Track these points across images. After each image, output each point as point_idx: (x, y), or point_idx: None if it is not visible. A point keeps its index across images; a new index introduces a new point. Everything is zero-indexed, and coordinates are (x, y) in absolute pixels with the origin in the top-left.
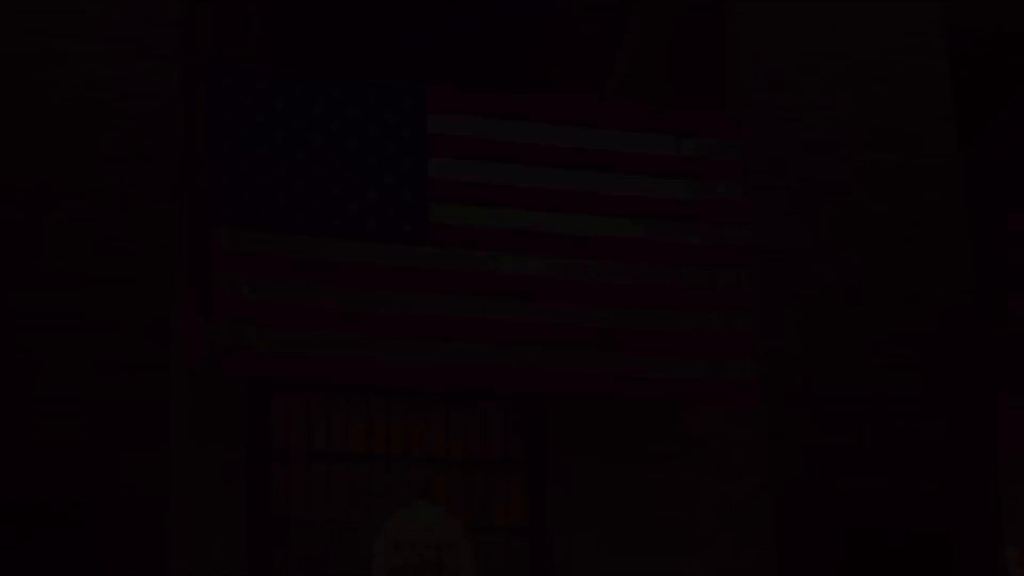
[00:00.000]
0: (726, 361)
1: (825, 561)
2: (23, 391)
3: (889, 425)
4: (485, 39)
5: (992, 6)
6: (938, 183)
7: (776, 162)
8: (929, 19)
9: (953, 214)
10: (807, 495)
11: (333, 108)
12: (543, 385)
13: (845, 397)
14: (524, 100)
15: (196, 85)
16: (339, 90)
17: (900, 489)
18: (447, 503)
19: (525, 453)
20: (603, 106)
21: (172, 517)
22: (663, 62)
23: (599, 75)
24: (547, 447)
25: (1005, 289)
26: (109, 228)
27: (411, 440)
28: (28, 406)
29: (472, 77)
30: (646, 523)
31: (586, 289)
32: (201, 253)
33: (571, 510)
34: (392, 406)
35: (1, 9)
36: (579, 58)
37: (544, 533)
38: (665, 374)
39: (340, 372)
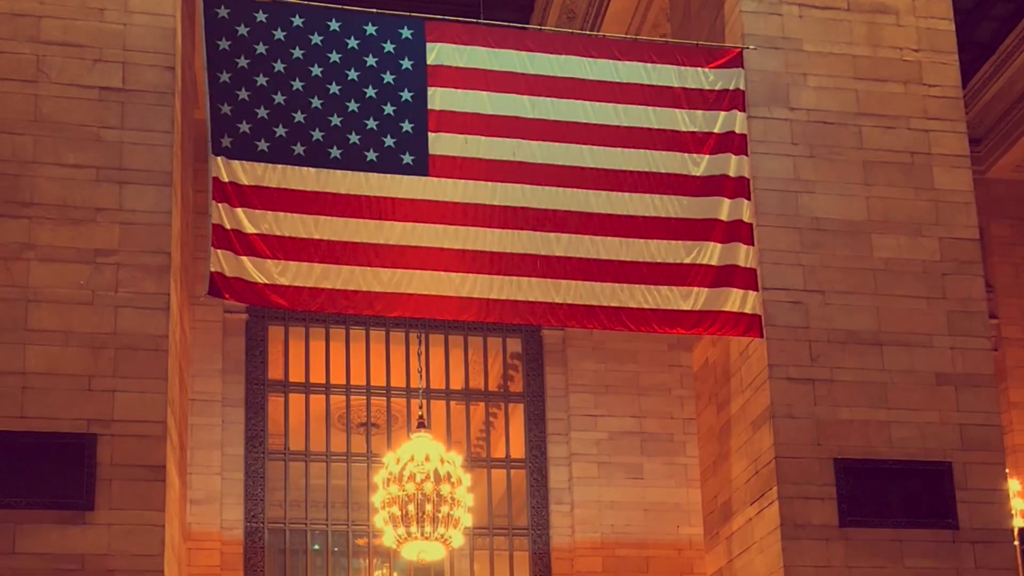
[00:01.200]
0: (728, 292)
1: (824, 491)
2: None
3: (889, 357)
4: None
5: None
6: (940, 113)
7: (777, 93)
8: None
9: (955, 145)
10: (807, 427)
11: (333, 39)
12: (544, 317)
13: (846, 330)
14: (524, 32)
15: (194, 14)
16: (339, 21)
17: (899, 421)
18: (447, 434)
19: (525, 384)
20: (603, 38)
21: (172, 445)
22: None
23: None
24: (547, 378)
25: None
26: (108, 159)
27: (411, 372)
28: (31, 341)
29: (472, 8)
30: (645, 454)
31: (587, 221)
32: (201, 184)
33: (571, 441)
34: (392, 338)
35: None
36: None
37: (543, 464)
38: (667, 305)
39: (339, 304)
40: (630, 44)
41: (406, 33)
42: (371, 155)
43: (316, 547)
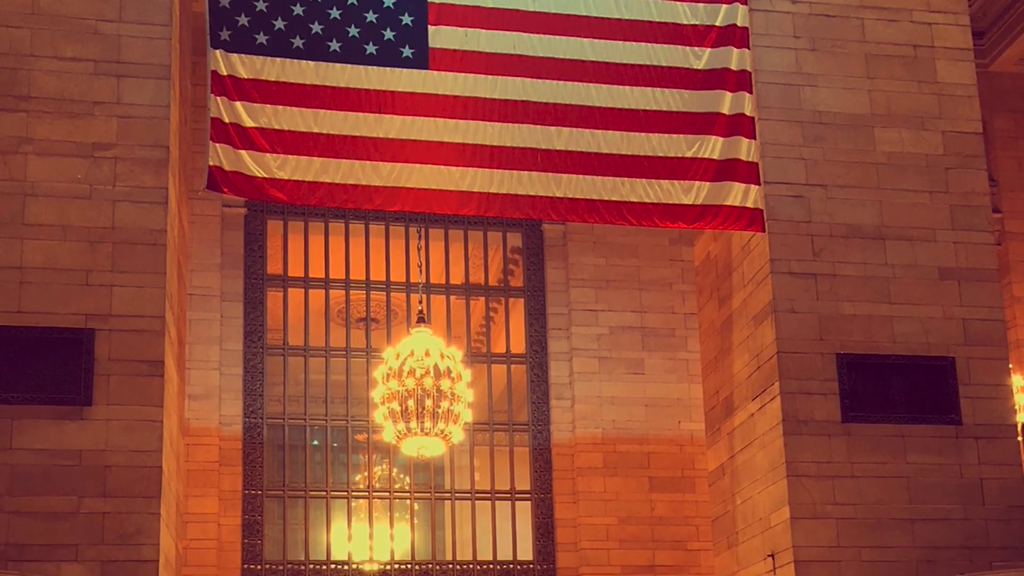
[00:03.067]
0: (729, 186)
1: (827, 387)
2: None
3: (891, 251)
4: None
5: None
6: (943, 6)
7: None
8: None
9: (958, 38)
10: (809, 322)
11: None
12: (544, 211)
13: (848, 224)
14: None
15: None
16: None
17: (902, 316)
18: (447, 329)
19: (525, 279)
20: None
21: (170, 340)
22: None
23: None
24: (548, 273)
25: None
26: (106, 52)
27: (411, 266)
28: (29, 235)
29: None
30: (646, 349)
31: (588, 114)
32: (200, 78)
33: (571, 336)
34: (392, 233)
35: None
36: None
37: (544, 359)
38: (668, 199)
39: (338, 197)
40: None
41: None
42: (370, 48)
43: (315, 443)
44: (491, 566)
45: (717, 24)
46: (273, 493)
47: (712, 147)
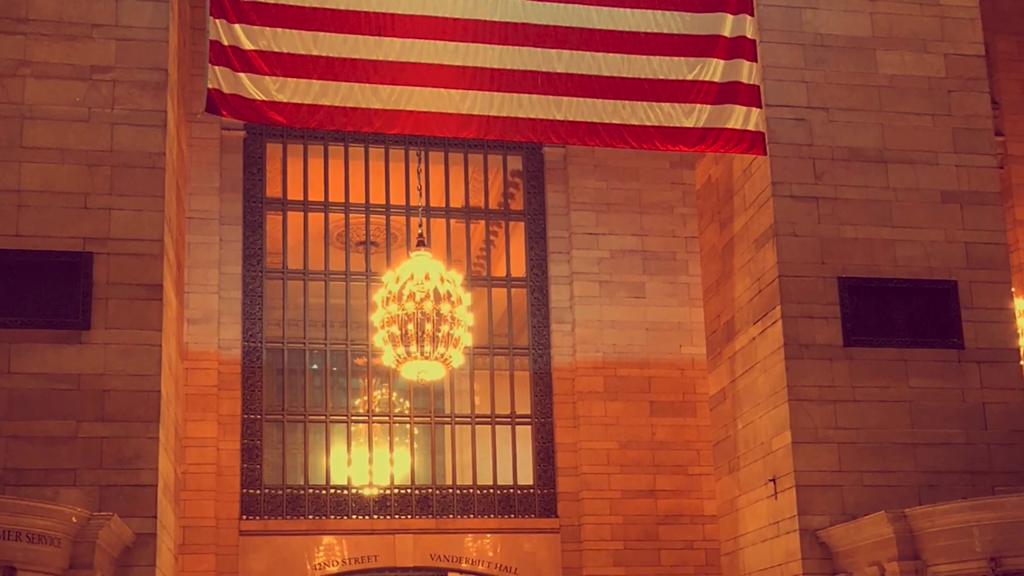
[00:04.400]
0: (731, 109)
1: (828, 310)
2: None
3: (893, 175)
4: None
5: None
6: None
7: None
8: None
9: None
10: (810, 245)
11: None
12: (545, 134)
13: (850, 147)
14: None
15: None
16: None
17: (903, 240)
18: (447, 253)
19: (526, 203)
20: None
21: (169, 264)
22: None
23: None
24: (548, 197)
25: None
26: None
27: (410, 190)
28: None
29: None
30: (646, 272)
31: (588, 37)
32: (199, 1)
33: (572, 260)
34: (392, 156)
35: None
36: None
37: (544, 283)
38: (669, 122)
39: (338, 121)
40: None
41: None
42: None
43: (315, 367)
44: (491, 490)
45: None
46: (272, 417)
47: (713, 70)
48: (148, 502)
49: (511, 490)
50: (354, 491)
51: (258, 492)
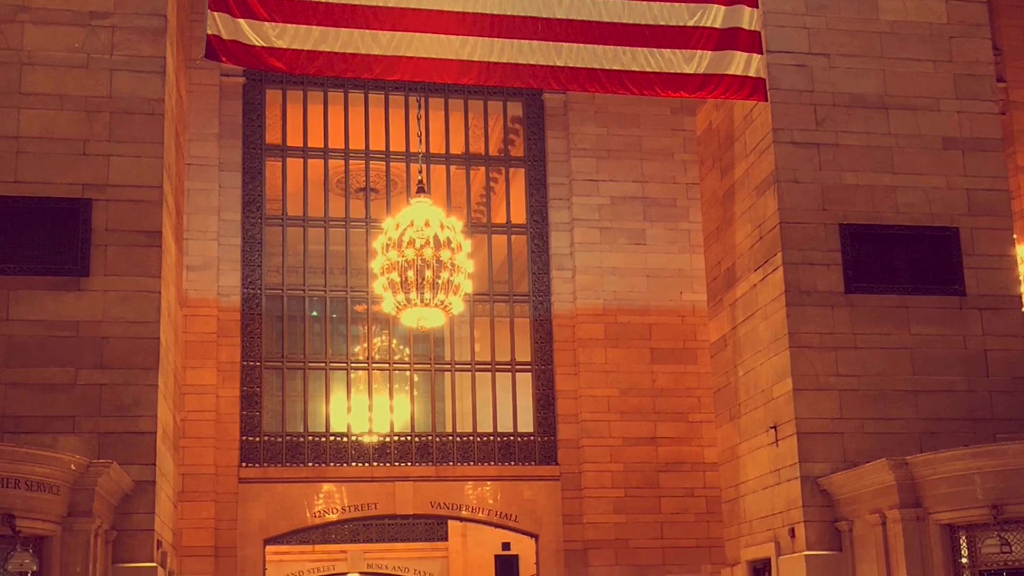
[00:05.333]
0: (732, 55)
1: (830, 257)
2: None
3: (894, 121)
4: None
5: None
6: None
7: None
8: None
9: None
10: (812, 191)
11: None
12: (545, 80)
13: (851, 94)
14: None
15: None
16: None
17: (905, 186)
18: (447, 199)
19: (526, 149)
20: None
21: (168, 210)
22: None
23: None
24: (548, 143)
25: None
26: None
27: (410, 136)
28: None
29: None
30: (647, 219)
31: None
32: None
33: (572, 206)
34: (391, 102)
35: None
36: None
37: (545, 229)
38: (670, 68)
39: (338, 67)
40: None
41: None
42: None
43: (314, 313)
44: (491, 438)
45: None
46: (272, 364)
47: (714, 16)
48: (147, 450)
49: (511, 437)
50: (354, 438)
51: (257, 439)
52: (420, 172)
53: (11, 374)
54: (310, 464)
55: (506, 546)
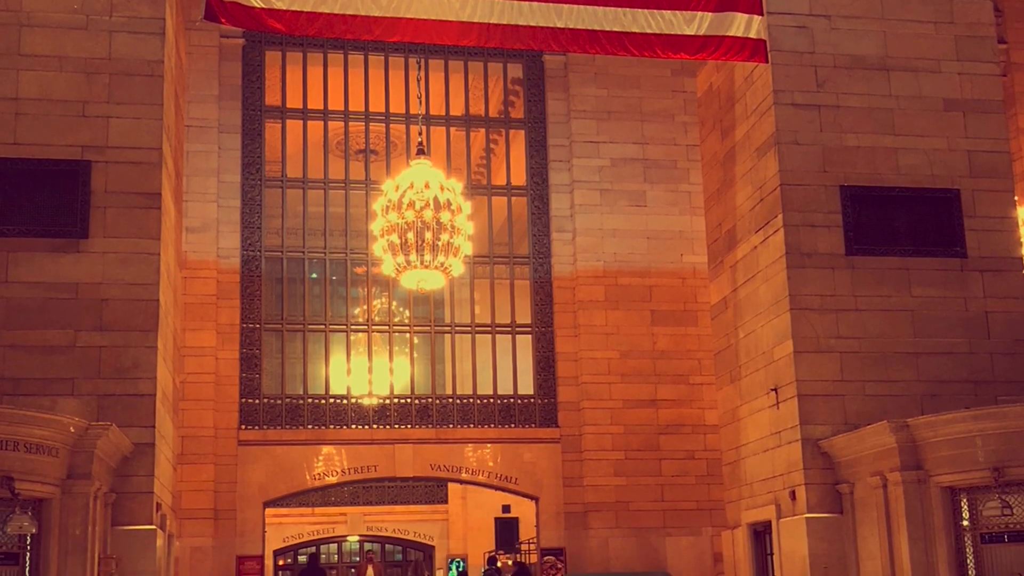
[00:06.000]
0: (732, 17)
1: (830, 219)
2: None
3: (896, 82)
4: None
5: None
6: None
7: None
8: None
9: None
10: (812, 153)
11: None
12: (545, 42)
13: (852, 55)
14: None
15: None
16: None
17: (906, 148)
18: (447, 161)
19: (526, 111)
20: None
21: (167, 172)
22: None
23: None
24: (549, 104)
25: None
26: None
27: (410, 98)
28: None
29: None
30: (647, 181)
31: None
32: None
33: (572, 168)
34: (391, 64)
35: None
36: None
37: (545, 191)
38: (670, 30)
39: (337, 28)
40: None
41: None
42: None
43: (314, 275)
44: (491, 400)
45: None
46: (271, 326)
47: None
48: (146, 412)
49: (511, 400)
50: (353, 401)
51: (257, 402)
52: (420, 134)
53: (10, 336)
54: (310, 426)
55: (506, 508)
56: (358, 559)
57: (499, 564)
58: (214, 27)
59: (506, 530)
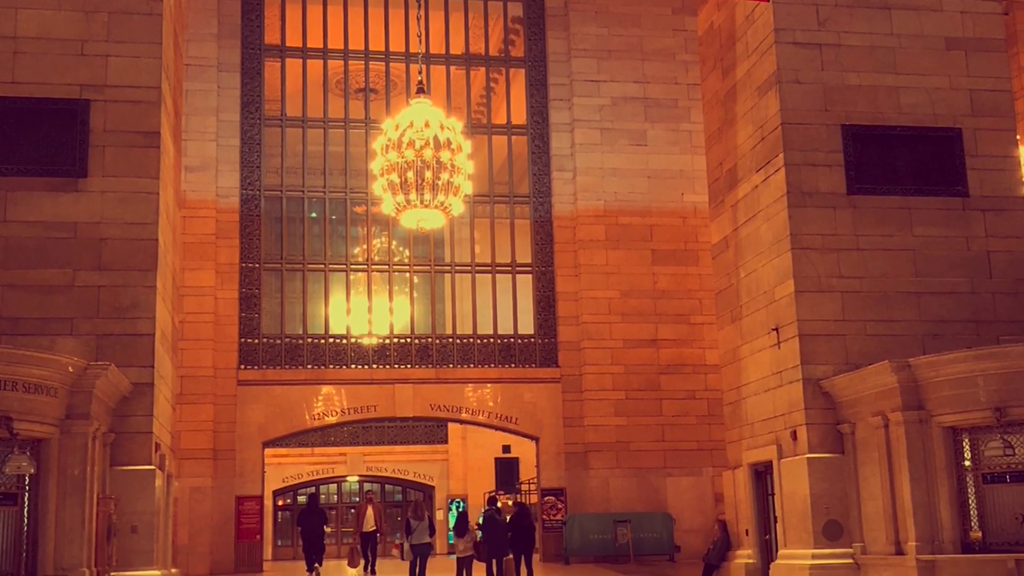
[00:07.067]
0: None
1: (832, 158)
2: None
3: (897, 21)
4: None
5: None
6: None
7: None
8: None
9: None
10: (814, 92)
11: None
12: None
13: None
14: None
15: None
16: None
17: (908, 87)
18: (447, 100)
19: (526, 49)
20: None
21: (166, 111)
22: None
23: None
24: (549, 43)
25: None
26: None
27: (410, 36)
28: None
29: None
30: (648, 120)
31: None
32: None
33: (573, 107)
34: (391, 2)
35: None
36: None
37: (545, 130)
38: None
39: None
40: None
41: None
42: None
43: (313, 215)
44: (491, 340)
45: None
46: (271, 266)
47: None
48: (145, 351)
49: (511, 339)
50: (353, 340)
51: (256, 342)
52: (420, 73)
53: (9, 276)
54: (309, 366)
55: (506, 448)
56: (358, 499)
57: (499, 504)
58: None
59: (506, 470)
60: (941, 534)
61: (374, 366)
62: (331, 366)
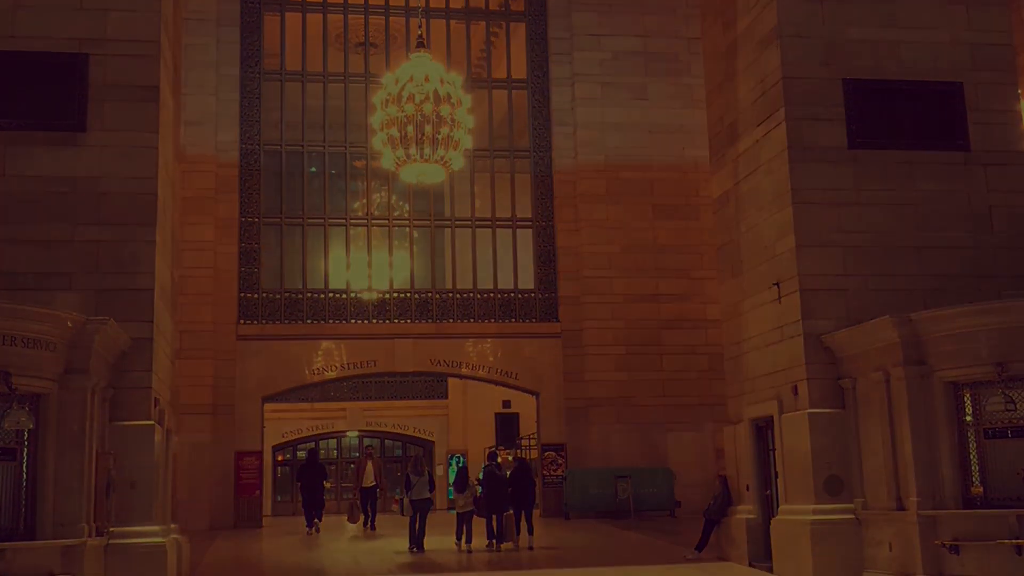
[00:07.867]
0: None
1: (833, 112)
2: None
3: None
4: None
5: None
6: None
7: None
8: None
9: None
10: (815, 46)
11: None
12: None
13: None
14: None
15: None
16: None
17: (909, 40)
18: (447, 54)
19: (527, 3)
20: None
21: (165, 65)
22: None
23: None
24: None
25: None
26: None
27: None
28: None
29: None
30: (649, 74)
31: None
32: None
33: (573, 61)
34: None
35: None
36: None
37: (546, 84)
38: None
39: None
40: None
41: None
42: None
43: (313, 169)
44: (492, 294)
45: None
46: (270, 220)
47: None
48: (145, 306)
49: (512, 294)
50: (353, 295)
51: (256, 296)
52: (420, 26)
53: (8, 230)
54: (309, 321)
55: (506, 404)
56: (357, 455)
57: (499, 460)
58: None
59: (506, 425)
60: (942, 489)
61: (374, 320)
62: (331, 321)
